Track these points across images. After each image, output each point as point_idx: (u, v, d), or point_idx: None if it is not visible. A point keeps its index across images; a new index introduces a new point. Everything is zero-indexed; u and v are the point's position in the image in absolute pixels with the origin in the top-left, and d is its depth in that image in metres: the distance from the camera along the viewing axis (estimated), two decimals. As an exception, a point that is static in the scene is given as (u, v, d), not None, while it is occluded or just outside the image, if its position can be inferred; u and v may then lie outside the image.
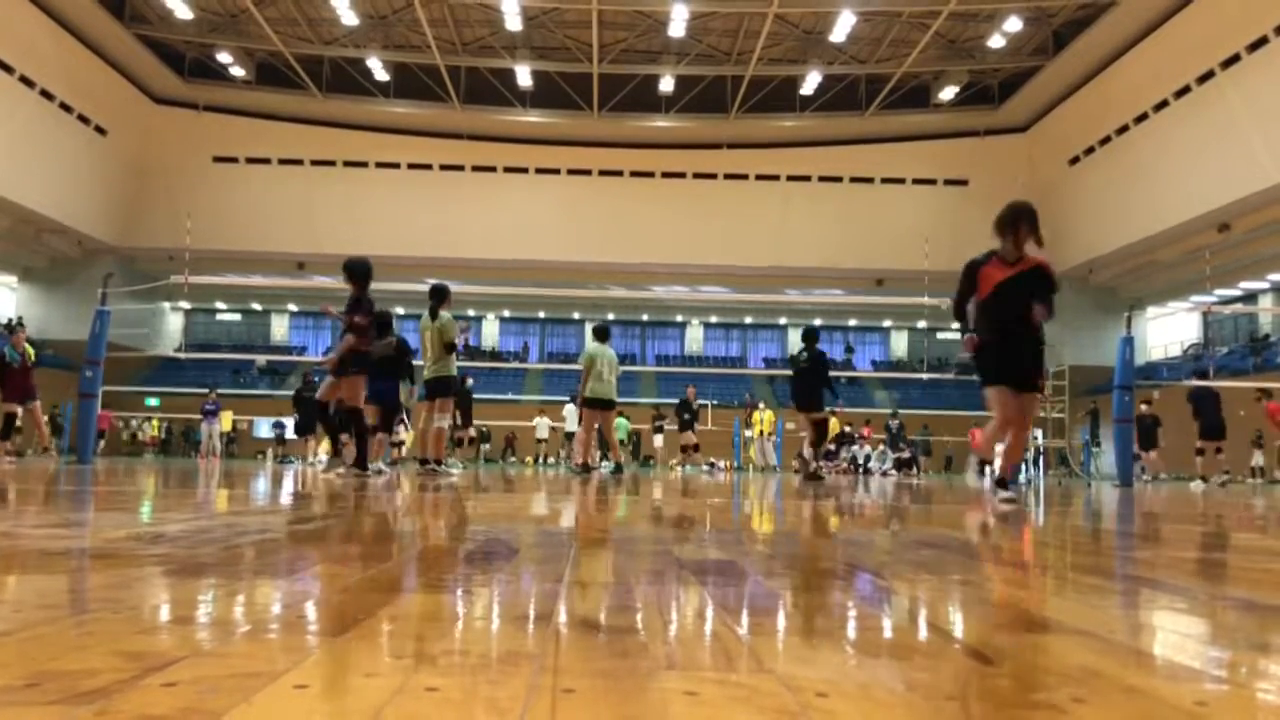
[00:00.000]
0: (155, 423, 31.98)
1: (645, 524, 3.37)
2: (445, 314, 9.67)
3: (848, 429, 23.75)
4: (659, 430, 23.37)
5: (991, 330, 5.41)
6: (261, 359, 38.21)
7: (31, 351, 12.63)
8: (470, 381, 16.34)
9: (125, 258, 36.00)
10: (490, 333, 44.64)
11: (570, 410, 23.23)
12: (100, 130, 34.17)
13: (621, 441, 22.47)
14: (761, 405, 22.15)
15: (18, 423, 12.64)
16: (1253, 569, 2.27)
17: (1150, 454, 17.32)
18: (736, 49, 33.28)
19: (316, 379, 13.26)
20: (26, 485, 5.56)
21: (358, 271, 8.53)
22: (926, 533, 3.27)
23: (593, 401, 11.33)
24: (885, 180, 38.55)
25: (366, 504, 4.35)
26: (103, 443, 29.85)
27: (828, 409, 13.08)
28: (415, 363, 11.63)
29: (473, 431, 18.74)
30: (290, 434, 21.41)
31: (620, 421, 22.63)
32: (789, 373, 12.44)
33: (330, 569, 1.77)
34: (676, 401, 19.76)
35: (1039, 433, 16.59)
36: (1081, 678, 0.95)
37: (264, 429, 30.74)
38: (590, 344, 11.74)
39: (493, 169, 38.45)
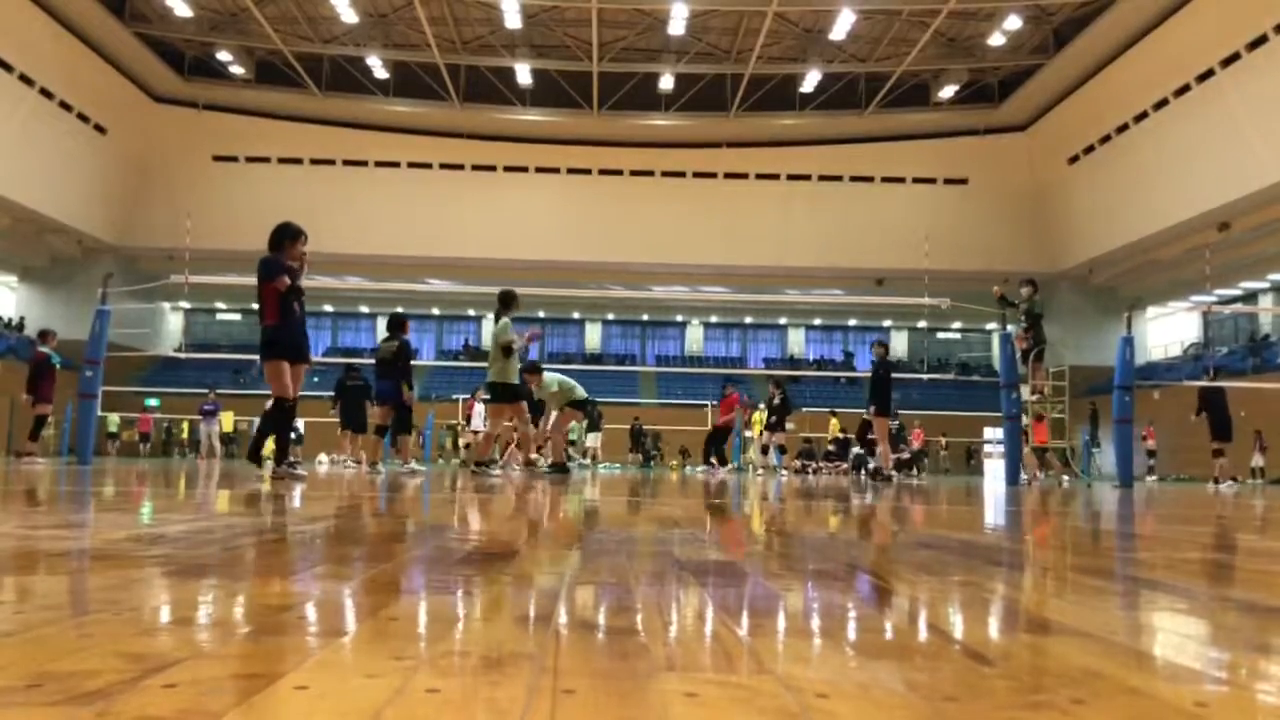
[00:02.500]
0: (186, 425, 31.80)
1: (644, 525, 3.37)
2: (505, 318, 9.66)
3: (843, 432, 23.68)
4: (594, 429, 23.17)
5: None
6: (262, 359, 38.10)
7: (57, 358, 12.83)
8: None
9: (125, 257, 36.01)
10: (490, 333, 44.66)
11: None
12: (100, 129, 34.17)
13: (573, 442, 22.46)
14: (761, 406, 22.06)
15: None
16: (1253, 570, 2.27)
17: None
18: (736, 47, 33.29)
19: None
20: (29, 487, 5.57)
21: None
22: (926, 533, 3.28)
23: (579, 403, 11.75)
24: (885, 179, 38.56)
25: (369, 506, 4.36)
26: (147, 445, 29.88)
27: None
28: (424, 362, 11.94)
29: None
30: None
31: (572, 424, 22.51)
32: (867, 376, 12.90)
33: (330, 569, 1.77)
34: (761, 403, 19.58)
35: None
36: (1081, 679, 0.95)
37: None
38: (548, 376, 12.03)
39: (492, 168, 38.44)
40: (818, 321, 45.44)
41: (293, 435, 7.79)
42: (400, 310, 45.64)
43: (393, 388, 11.52)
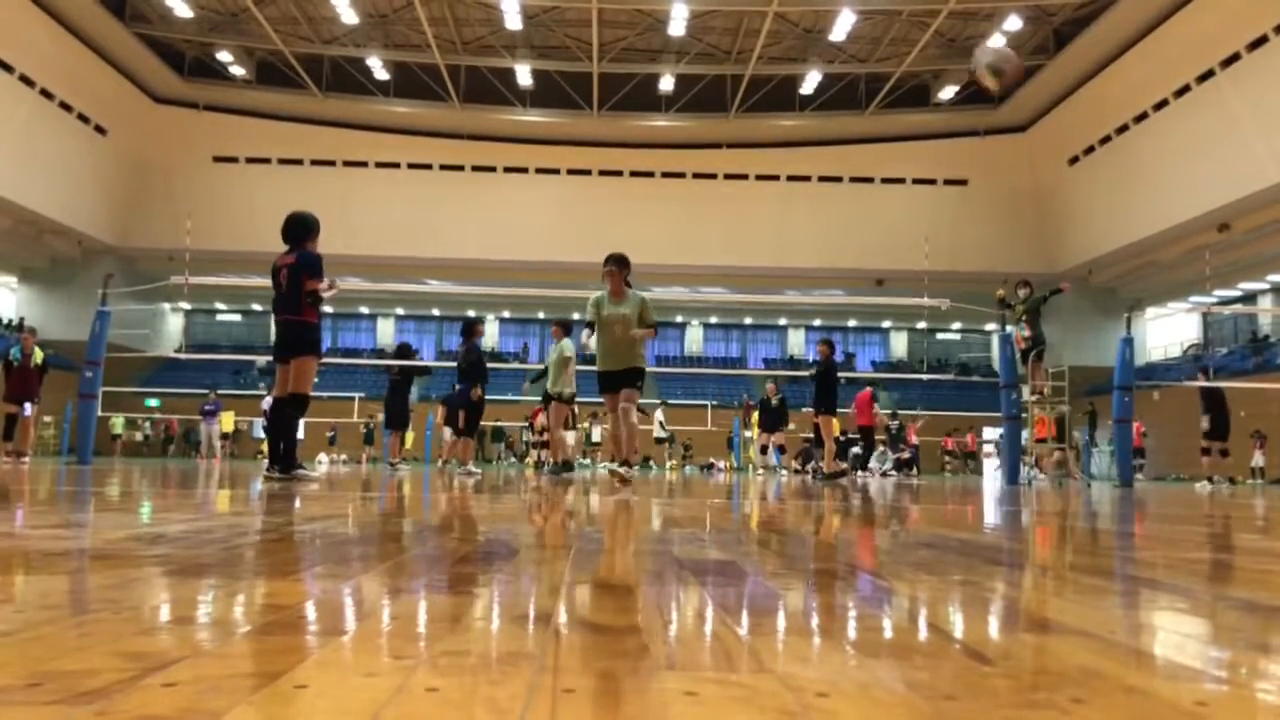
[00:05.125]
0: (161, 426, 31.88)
1: (644, 524, 3.38)
2: (641, 294, 8.21)
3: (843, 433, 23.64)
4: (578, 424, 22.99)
5: None
6: (261, 359, 38.18)
7: (39, 355, 12.63)
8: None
9: (125, 258, 36.04)
10: (490, 333, 44.68)
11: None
12: (100, 130, 34.20)
13: (597, 444, 22.40)
14: (751, 401, 22.08)
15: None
16: (1254, 569, 2.27)
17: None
18: (736, 48, 33.31)
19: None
20: (25, 486, 5.57)
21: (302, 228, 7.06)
22: (926, 533, 3.28)
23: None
24: (885, 180, 38.59)
25: (373, 505, 4.36)
26: (171, 447, 29.84)
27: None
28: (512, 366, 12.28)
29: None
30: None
31: None
32: (807, 374, 12.92)
33: (330, 569, 1.77)
34: (757, 401, 19.58)
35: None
36: (1081, 678, 0.95)
37: (262, 429, 30.66)
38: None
39: (492, 169, 38.46)
40: (818, 322, 45.47)
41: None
42: (400, 310, 45.69)
43: (464, 391, 11.97)
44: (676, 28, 31.17)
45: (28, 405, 12.45)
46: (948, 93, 35.59)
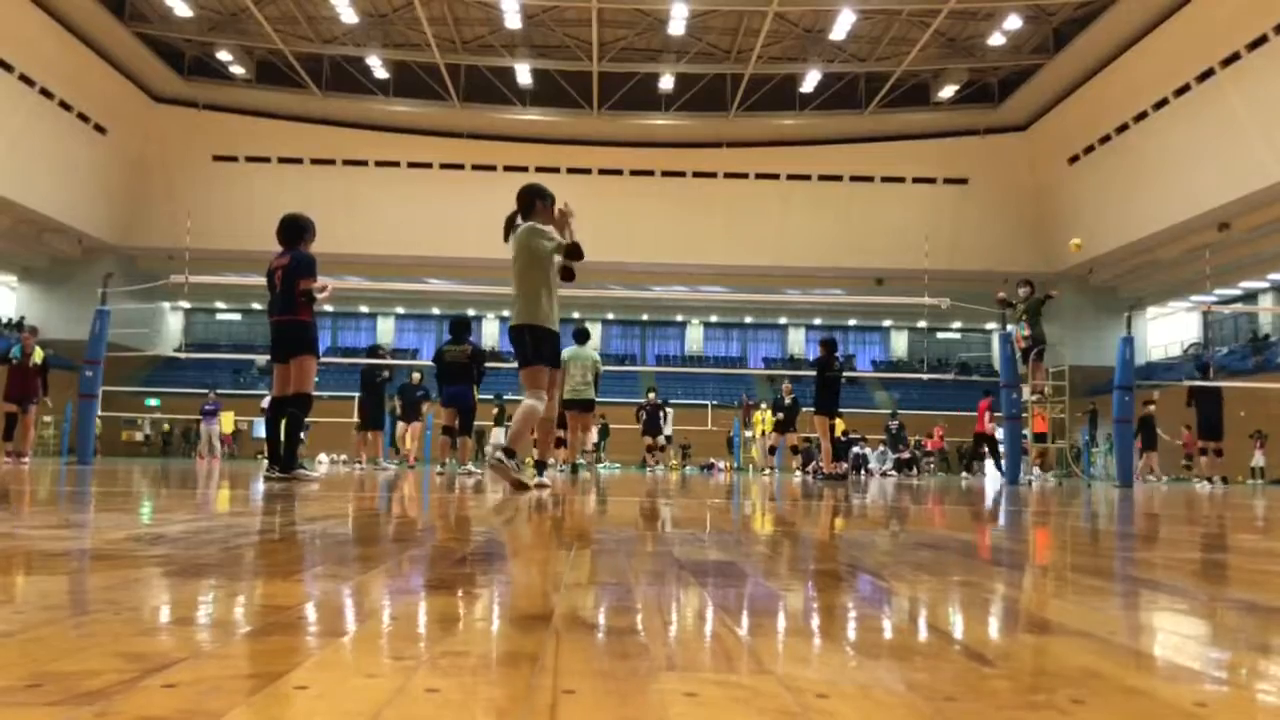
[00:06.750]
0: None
1: (644, 524, 3.38)
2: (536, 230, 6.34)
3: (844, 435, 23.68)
4: (498, 423, 22.92)
5: None
6: (261, 359, 38.18)
7: (39, 354, 12.64)
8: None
9: (125, 257, 36.03)
10: (490, 333, 44.67)
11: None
12: (100, 129, 34.17)
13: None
14: (762, 405, 22.09)
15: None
16: (1253, 570, 2.27)
17: (1152, 455, 17.44)
18: (736, 47, 33.30)
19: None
20: (25, 486, 5.57)
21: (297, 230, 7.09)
22: (926, 534, 3.28)
23: (568, 403, 11.42)
24: (885, 179, 38.55)
25: (373, 506, 4.36)
26: (227, 449, 29.56)
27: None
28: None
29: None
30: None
31: None
32: (812, 373, 12.82)
33: (330, 569, 1.77)
34: (756, 400, 19.73)
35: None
36: (1081, 679, 0.95)
37: (263, 429, 30.49)
38: (567, 347, 11.75)
39: (493, 168, 38.43)
40: (818, 321, 45.47)
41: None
42: (400, 310, 45.70)
43: (466, 390, 11.70)
44: (676, 27, 31.16)
45: (28, 405, 12.46)
46: (947, 92, 35.57)
